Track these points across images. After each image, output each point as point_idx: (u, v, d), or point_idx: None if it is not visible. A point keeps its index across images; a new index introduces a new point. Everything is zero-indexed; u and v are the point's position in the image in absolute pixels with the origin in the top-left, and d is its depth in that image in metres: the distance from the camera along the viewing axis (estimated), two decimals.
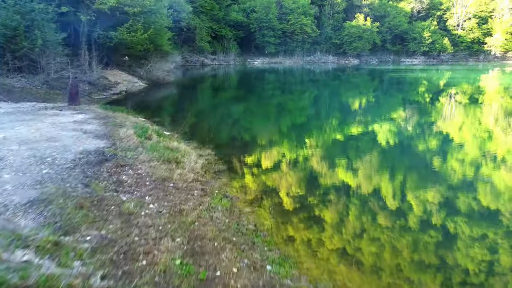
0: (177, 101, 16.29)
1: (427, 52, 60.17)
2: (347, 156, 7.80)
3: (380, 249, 4.10)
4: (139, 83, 17.57)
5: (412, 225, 4.70)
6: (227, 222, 4.20)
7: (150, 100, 14.47)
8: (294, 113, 13.27)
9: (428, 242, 4.20)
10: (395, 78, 29.75)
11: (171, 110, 13.98)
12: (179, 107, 14.35)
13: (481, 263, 3.90)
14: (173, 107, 14.55)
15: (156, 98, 15.61)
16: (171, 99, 16.95)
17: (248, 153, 7.83)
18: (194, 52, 40.59)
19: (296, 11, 49.87)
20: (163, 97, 16.92)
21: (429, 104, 15.03)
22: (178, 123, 9.69)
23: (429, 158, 7.61)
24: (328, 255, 3.94)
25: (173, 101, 16.48)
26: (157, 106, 13.69)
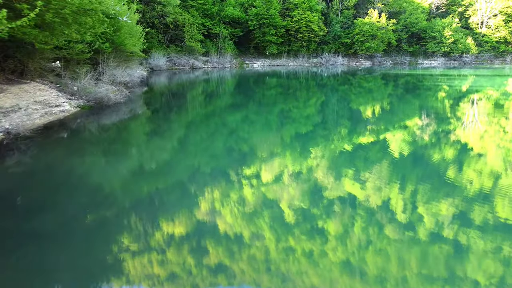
0: (138, 137, 10.11)
1: (448, 53, 55.43)
2: (356, 167, 7.49)
3: (387, 261, 4.24)
4: (65, 106, 11.07)
5: (422, 238, 4.71)
6: None
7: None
8: (299, 121, 12.94)
9: (438, 255, 4.30)
10: (411, 82, 28.55)
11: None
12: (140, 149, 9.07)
13: (493, 277, 3.98)
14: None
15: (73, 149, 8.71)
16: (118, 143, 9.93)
17: (247, 167, 7.60)
18: (182, 53, 35.71)
19: (301, 6, 45.11)
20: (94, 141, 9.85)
21: (449, 112, 14.73)
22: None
23: (445, 169, 7.42)
24: (331, 267, 4.16)
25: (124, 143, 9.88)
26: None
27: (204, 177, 6.95)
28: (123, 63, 17.78)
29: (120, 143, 9.37)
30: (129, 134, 10.62)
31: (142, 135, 10.54)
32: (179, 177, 7.04)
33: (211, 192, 6.17)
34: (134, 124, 11.88)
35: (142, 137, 10.30)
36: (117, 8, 15.70)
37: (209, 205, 5.70)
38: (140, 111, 13.88)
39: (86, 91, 12.61)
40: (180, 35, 34.75)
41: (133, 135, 10.66)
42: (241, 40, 44.29)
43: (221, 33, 40.25)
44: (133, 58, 20.61)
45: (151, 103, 16.31)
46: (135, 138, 10.21)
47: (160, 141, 9.45)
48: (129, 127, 11.30)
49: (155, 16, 31.30)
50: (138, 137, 10.25)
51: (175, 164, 7.89)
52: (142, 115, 13.26)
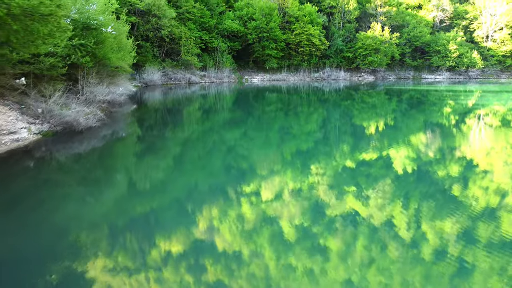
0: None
1: (453, 67, 56.04)
2: (359, 185, 7.55)
3: (390, 280, 4.26)
4: (21, 133, 9.32)
5: (426, 256, 4.75)
6: None
7: None
8: (300, 138, 13.03)
9: (443, 274, 4.32)
10: (415, 97, 29.01)
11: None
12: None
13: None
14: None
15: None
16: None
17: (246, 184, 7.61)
18: (178, 68, 35.91)
19: (302, 19, 45.78)
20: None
21: (454, 128, 14.95)
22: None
23: (450, 186, 7.47)
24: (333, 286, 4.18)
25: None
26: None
27: (202, 195, 6.97)
28: (107, 79, 16.91)
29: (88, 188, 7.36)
30: (99, 172, 8.61)
31: (118, 171, 8.77)
32: (174, 197, 7.08)
33: (209, 210, 6.19)
34: (113, 151, 10.55)
35: (119, 173, 8.52)
36: (100, 18, 14.62)
37: (208, 223, 5.73)
38: (124, 134, 12.79)
39: (51, 113, 10.93)
40: (176, 48, 35.01)
41: (105, 172, 8.60)
42: (240, 54, 44.74)
43: (219, 46, 40.65)
44: (119, 73, 19.85)
45: (141, 122, 15.75)
46: (108, 178, 8.10)
47: (149, 168, 8.76)
48: (104, 157, 9.75)
49: (149, 29, 31.54)
50: (112, 177, 8.23)
51: (169, 184, 7.89)
52: (126, 138, 12.14)
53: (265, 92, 32.13)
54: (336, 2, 52.48)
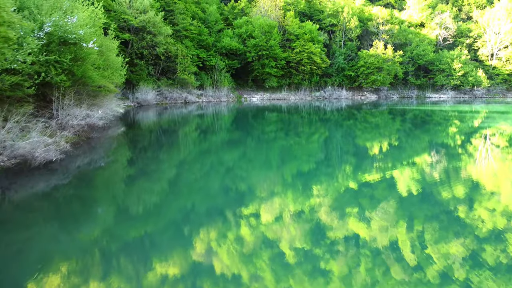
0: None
1: (458, 86, 56.73)
2: (362, 207, 7.63)
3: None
4: None
5: (431, 280, 4.80)
6: None
7: None
8: (301, 159, 13.00)
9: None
10: (420, 117, 29.32)
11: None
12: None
13: None
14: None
15: None
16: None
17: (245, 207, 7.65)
18: (174, 87, 36.28)
19: (302, 37, 46.76)
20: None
21: (460, 148, 15.04)
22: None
23: (455, 208, 7.53)
24: None
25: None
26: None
27: (199, 218, 6.99)
28: (89, 100, 15.81)
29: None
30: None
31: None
32: (169, 222, 7.10)
33: (207, 234, 6.21)
34: (82, 187, 8.96)
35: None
36: (80, 32, 13.21)
37: (206, 247, 5.75)
38: (103, 163, 11.38)
39: (3, 145, 9.16)
40: (172, 67, 35.35)
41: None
42: (238, 72, 45.43)
43: (217, 65, 41.31)
44: (101, 93, 18.20)
45: (128, 147, 14.80)
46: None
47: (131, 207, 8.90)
48: (66, 198, 8.19)
49: (144, 46, 31.84)
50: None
51: (163, 208, 7.93)
52: (104, 168, 10.85)
53: (265, 111, 32.34)
54: (337, 20, 53.66)
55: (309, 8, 55.72)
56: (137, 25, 30.54)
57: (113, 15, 29.40)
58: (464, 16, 71.34)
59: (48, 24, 12.02)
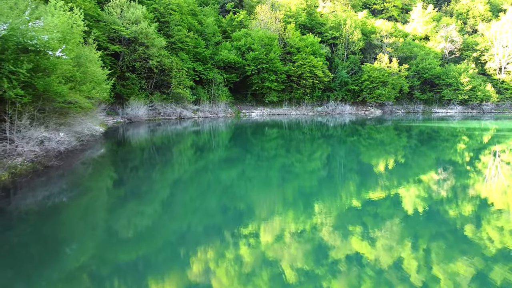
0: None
1: (466, 101, 56.91)
2: (365, 227, 7.65)
3: None
4: None
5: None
6: None
7: None
8: (303, 177, 12.87)
9: None
10: (426, 132, 29.44)
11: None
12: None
13: None
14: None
15: None
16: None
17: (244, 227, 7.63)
18: (168, 101, 36.22)
19: (303, 50, 47.13)
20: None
21: (468, 165, 15.08)
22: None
23: (462, 227, 7.67)
24: None
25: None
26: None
27: (196, 240, 6.89)
28: (58, 118, 14.03)
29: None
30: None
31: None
32: (162, 247, 6.96)
33: (204, 255, 6.14)
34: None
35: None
36: (44, 37, 11.50)
37: (203, 268, 5.66)
38: (65, 198, 9.39)
39: None
40: (167, 80, 35.29)
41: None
42: (237, 86, 45.63)
43: (215, 78, 41.50)
44: (73, 109, 15.97)
45: (111, 171, 13.61)
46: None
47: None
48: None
49: (136, 59, 31.64)
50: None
51: (154, 232, 7.74)
52: (65, 206, 8.80)
53: (265, 127, 32.33)
54: (339, 32, 54.22)
55: (310, 21, 56.39)
56: (129, 36, 30.39)
57: (102, 26, 29.34)
58: (469, 29, 72.45)
59: (4, 27, 10.39)
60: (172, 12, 37.79)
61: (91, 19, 28.01)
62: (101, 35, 28.34)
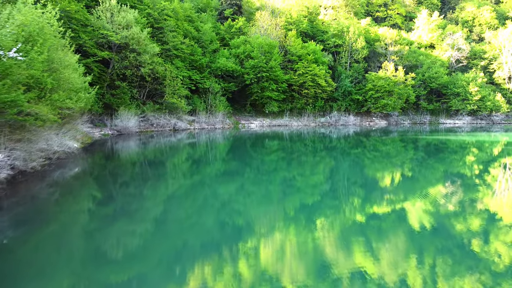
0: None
1: (475, 111, 56.95)
2: (369, 241, 7.79)
3: None
4: None
5: None
6: None
7: None
8: (305, 192, 12.89)
9: None
10: (433, 144, 29.73)
11: None
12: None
13: None
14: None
15: None
16: None
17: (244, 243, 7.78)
18: (162, 112, 35.91)
19: (305, 58, 47.25)
20: None
21: (477, 179, 15.10)
22: None
23: (470, 242, 7.71)
24: None
25: None
26: None
27: (193, 258, 6.84)
28: (15, 134, 12.51)
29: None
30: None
31: None
32: (157, 264, 6.93)
33: (202, 273, 6.11)
34: None
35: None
36: None
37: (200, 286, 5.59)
38: (5, 239, 7.47)
39: None
40: (160, 89, 34.98)
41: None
42: (235, 96, 45.73)
43: (212, 87, 41.43)
44: (30, 123, 13.21)
45: (85, 194, 12.20)
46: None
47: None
48: None
49: (127, 66, 31.05)
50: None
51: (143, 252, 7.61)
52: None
53: (265, 139, 32.36)
54: (342, 40, 54.49)
55: (312, 28, 56.77)
56: (119, 42, 29.81)
57: (90, 30, 28.97)
58: (475, 37, 73.07)
59: None
60: (167, 18, 37.92)
61: (77, 23, 27.78)
62: (89, 40, 28.07)
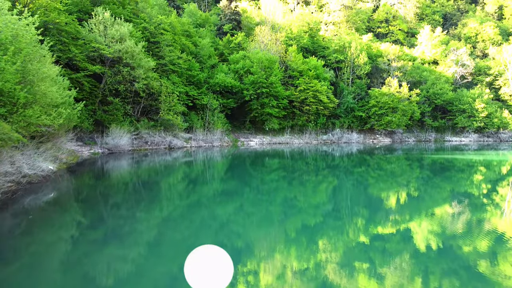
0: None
1: (482, 128, 56.85)
2: (372, 262, 7.88)
3: None
4: None
5: None
6: None
7: None
8: (307, 212, 12.88)
9: None
10: (439, 163, 29.82)
11: None
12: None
13: None
14: None
15: None
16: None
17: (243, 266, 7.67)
18: (157, 129, 35.52)
19: (306, 73, 47.28)
20: None
21: (485, 198, 15.19)
22: None
23: (477, 263, 7.79)
24: None
25: None
26: None
27: (188, 285, 6.61)
28: None
29: None
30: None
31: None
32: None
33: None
34: None
35: None
36: None
37: None
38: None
39: None
40: (155, 105, 34.72)
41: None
42: (234, 113, 45.69)
43: (210, 104, 41.43)
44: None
45: (60, 223, 10.87)
46: None
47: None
48: None
49: (120, 81, 30.57)
50: None
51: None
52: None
53: (265, 157, 32.30)
54: (344, 56, 54.79)
55: (313, 44, 57.19)
56: (111, 56, 29.43)
57: (81, 43, 28.72)
58: (479, 53, 73.70)
59: None
60: (163, 32, 38.15)
61: (68, 36, 27.63)
62: (79, 53, 27.88)
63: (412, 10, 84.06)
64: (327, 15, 74.48)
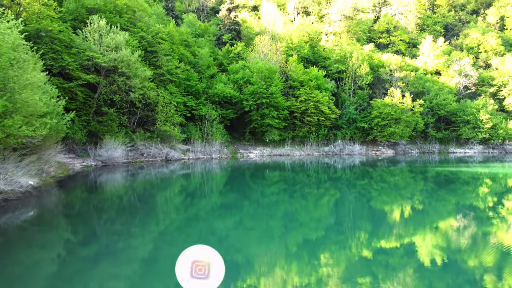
0: None
1: (487, 140, 56.80)
2: (376, 280, 7.90)
3: None
4: None
5: None
6: None
7: None
8: (308, 226, 12.84)
9: None
10: (443, 175, 29.75)
11: None
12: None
13: None
14: None
15: None
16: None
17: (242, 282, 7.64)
18: (153, 141, 35.25)
19: (307, 84, 47.48)
20: None
21: (491, 211, 15.17)
22: None
23: (483, 277, 7.84)
24: None
25: None
26: None
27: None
28: None
29: None
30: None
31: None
32: None
33: None
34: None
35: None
36: None
37: None
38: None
39: None
40: (152, 116, 34.60)
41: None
42: (234, 124, 45.81)
43: (208, 114, 41.41)
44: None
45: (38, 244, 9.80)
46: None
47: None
48: None
49: (115, 91, 30.29)
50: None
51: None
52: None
53: (265, 169, 32.30)
54: (345, 66, 55.05)
55: (313, 54, 57.51)
56: (106, 65, 29.03)
57: (74, 52, 28.58)
58: (482, 63, 74.00)
59: None
60: (161, 41, 38.31)
61: (61, 44, 27.55)
62: (72, 62, 27.71)
63: (413, 20, 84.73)
64: (327, 26, 74.84)
